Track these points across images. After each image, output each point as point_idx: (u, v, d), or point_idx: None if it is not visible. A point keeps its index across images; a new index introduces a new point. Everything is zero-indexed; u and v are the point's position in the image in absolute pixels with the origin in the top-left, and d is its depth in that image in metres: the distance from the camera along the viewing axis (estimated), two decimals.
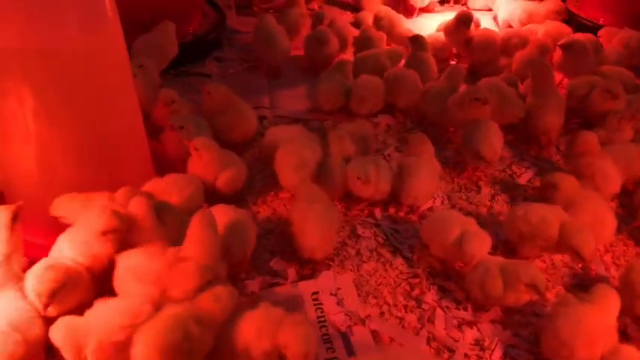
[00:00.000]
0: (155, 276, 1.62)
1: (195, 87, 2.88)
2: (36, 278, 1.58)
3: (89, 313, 1.52)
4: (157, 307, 1.52)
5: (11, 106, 1.74)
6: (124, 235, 1.70)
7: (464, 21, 3.06)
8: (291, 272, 1.94)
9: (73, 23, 1.68)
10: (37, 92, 1.73)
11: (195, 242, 1.66)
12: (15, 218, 1.67)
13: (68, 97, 1.76)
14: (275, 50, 2.94)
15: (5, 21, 1.61)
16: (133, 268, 1.64)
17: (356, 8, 3.78)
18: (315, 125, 2.64)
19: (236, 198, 2.17)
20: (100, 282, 1.70)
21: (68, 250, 1.67)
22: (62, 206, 1.80)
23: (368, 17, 3.43)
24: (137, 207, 1.75)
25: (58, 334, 1.48)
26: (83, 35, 1.71)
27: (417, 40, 2.94)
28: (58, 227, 1.79)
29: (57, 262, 1.65)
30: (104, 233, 1.67)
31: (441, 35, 3.20)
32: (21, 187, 1.92)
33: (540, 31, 3.21)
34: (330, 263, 1.98)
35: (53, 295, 1.55)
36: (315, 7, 3.74)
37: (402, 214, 2.20)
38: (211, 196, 2.09)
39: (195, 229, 1.68)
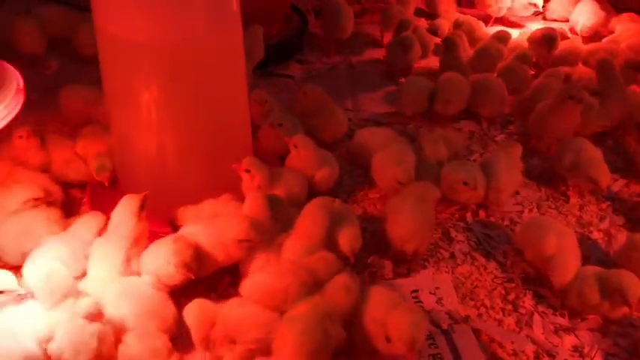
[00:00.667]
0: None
1: (279, 87, 2.99)
2: (169, 252, 1.69)
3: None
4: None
5: (138, 97, 1.86)
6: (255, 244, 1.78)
7: (549, 39, 3.07)
8: (387, 271, 1.99)
9: (203, 23, 1.78)
10: (162, 86, 1.84)
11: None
12: (142, 206, 1.77)
13: (190, 91, 1.86)
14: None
15: (144, 19, 1.71)
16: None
17: (430, 15, 3.82)
18: (398, 129, 2.68)
19: (329, 195, 2.23)
20: None
21: (201, 237, 1.78)
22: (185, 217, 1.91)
23: (445, 24, 3.46)
24: (254, 202, 1.83)
25: (191, 314, 1.56)
26: (211, 34, 1.80)
27: (449, 42, 2.97)
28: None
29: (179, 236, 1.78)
30: (240, 241, 1.76)
31: (523, 41, 3.22)
32: (137, 174, 2.03)
33: (623, 44, 3.20)
34: (425, 264, 2.03)
35: (191, 262, 1.67)
36: None
37: (492, 219, 2.24)
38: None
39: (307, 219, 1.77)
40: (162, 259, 1.71)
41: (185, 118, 1.91)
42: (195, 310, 1.57)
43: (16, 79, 1.21)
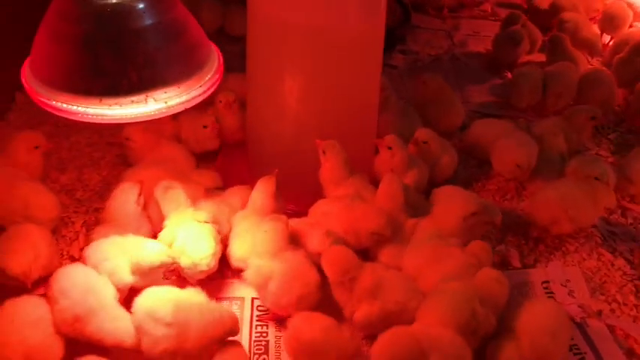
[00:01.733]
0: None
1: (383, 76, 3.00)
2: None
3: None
4: None
5: (281, 75, 1.92)
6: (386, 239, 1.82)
7: None
8: (514, 260, 2.00)
9: (356, 9, 1.82)
10: (305, 66, 1.90)
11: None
12: (277, 186, 1.85)
13: (331, 74, 1.90)
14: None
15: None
16: None
17: (527, 11, 3.77)
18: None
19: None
20: None
21: (336, 220, 1.83)
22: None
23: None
24: (389, 185, 1.87)
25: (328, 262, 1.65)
26: (360, 20, 1.85)
27: (555, 40, 2.93)
28: (307, 197, 1.96)
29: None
30: (373, 234, 1.80)
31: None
32: (268, 148, 2.11)
33: None
34: (551, 257, 2.02)
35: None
36: (488, 8, 3.77)
37: (615, 216, 2.21)
38: None
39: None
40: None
41: (323, 98, 1.96)
42: (336, 254, 1.65)
43: (218, 56, 1.27)
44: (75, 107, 1.13)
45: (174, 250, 1.74)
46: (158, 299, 1.52)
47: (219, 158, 2.34)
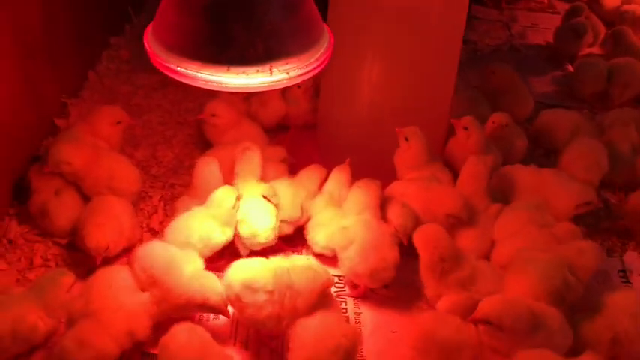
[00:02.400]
0: None
1: None
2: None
3: None
4: None
5: (361, 54, 1.95)
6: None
7: None
8: None
9: None
10: (389, 49, 1.92)
11: None
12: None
13: (411, 57, 1.93)
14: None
15: None
16: None
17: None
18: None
19: None
20: None
21: (413, 200, 1.87)
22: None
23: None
24: (474, 167, 1.89)
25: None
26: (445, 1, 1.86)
27: (619, 34, 2.90)
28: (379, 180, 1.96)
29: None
30: (449, 216, 1.83)
31: None
32: (340, 126, 2.14)
33: None
34: (625, 247, 2.02)
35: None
36: (545, 0, 3.74)
37: None
38: None
39: None
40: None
41: (401, 83, 1.98)
42: (430, 231, 1.68)
43: (329, 32, 1.30)
44: (201, 74, 1.16)
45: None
46: (251, 269, 1.55)
47: (288, 140, 2.37)
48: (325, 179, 1.97)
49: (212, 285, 1.58)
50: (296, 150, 2.26)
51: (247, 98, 2.34)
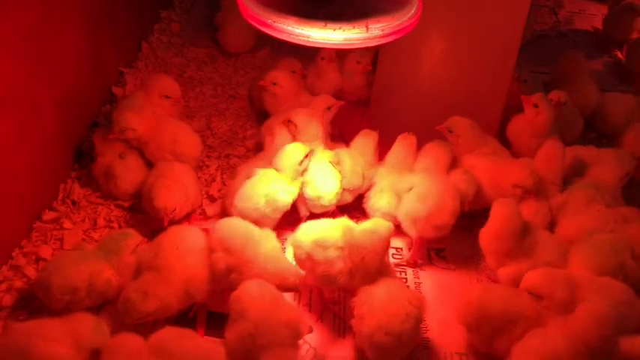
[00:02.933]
0: None
1: None
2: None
3: None
4: None
5: (425, 38, 1.95)
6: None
7: None
8: None
9: None
10: (453, 26, 1.93)
11: None
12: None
13: (475, 35, 1.93)
14: None
15: None
16: None
17: None
18: None
19: None
20: None
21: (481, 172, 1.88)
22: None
23: None
24: (553, 147, 1.89)
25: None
26: None
27: None
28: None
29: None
30: (515, 187, 1.83)
31: None
32: (392, 100, 2.16)
33: None
34: None
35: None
36: None
37: None
38: None
39: None
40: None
41: (462, 61, 1.98)
42: (505, 207, 1.67)
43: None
44: (298, 30, 1.17)
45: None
46: (320, 228, 1.57)
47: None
48: (377, 145, 1.98)
49: (288, 266, 1.60)
50: (346, 124, 2.26)
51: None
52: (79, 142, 2.10)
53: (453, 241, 1.90)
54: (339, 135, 2.20)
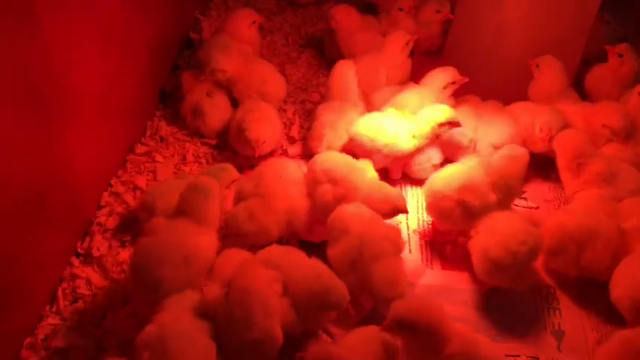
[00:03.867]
0: None
1: None
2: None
3: None
4: None
5: None
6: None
7: None
8: None
9: None
10: None
11: None
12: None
13: None
14: None
15: None
16: None
17: None
18: None
19: None
20: None
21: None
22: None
23: None
24: None
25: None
26: None
27: None
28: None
29: None
30: (605, 127, 1.87)
31: None
32: (466, 49, 2.19)
33: None
34: None
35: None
36: None
37: None
38: None
39: None
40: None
41: (543, 12, 2.00)
42: (569, 136, 1.74)
43: None
44: None
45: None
46: (458, 174, 1.66)
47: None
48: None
49: (393, 190, 1.65)
50: (417, 75, 2.28)
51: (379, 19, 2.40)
52: (163, 84, 2.17)
53: (533, 185, 1.94)
54: None
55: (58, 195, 1.50)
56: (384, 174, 1.86)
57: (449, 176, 1.64)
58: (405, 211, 1.63)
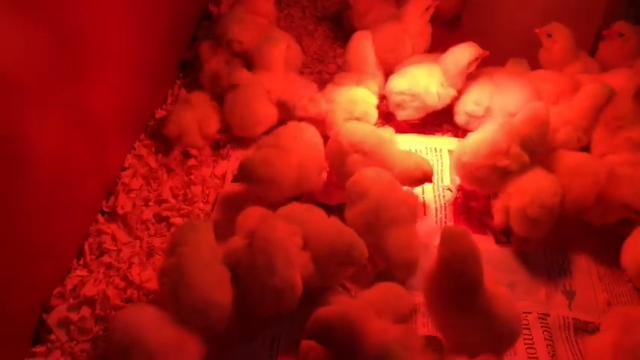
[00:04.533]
0: None
1: None
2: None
3: None
4: None
5: None
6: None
7: None
8: None
9: None
10: None
11: None
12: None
13: None
14: None
15: None
16: None
17: None
18: None
19: None
20: None
21: None
22: None
23: None
24: None
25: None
26: None
27: None
28: None
29: None
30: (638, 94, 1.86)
31: None
32: (487, 20, 2.22)
33: None
34: None
35: None
36: None
37: None
38: None
39: None
40: None
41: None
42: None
43: None
44: None
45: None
46: (484, 142, 1.67)
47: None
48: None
49: (421, 158, 1.71)
50: (435, 44, 2.29)
51: None
52: (184, 53, 2.22)
53: None
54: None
55: (85, 150, 1.56)
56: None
57: (475, 145, 1.65)
58: (429, 181, 1.68)
